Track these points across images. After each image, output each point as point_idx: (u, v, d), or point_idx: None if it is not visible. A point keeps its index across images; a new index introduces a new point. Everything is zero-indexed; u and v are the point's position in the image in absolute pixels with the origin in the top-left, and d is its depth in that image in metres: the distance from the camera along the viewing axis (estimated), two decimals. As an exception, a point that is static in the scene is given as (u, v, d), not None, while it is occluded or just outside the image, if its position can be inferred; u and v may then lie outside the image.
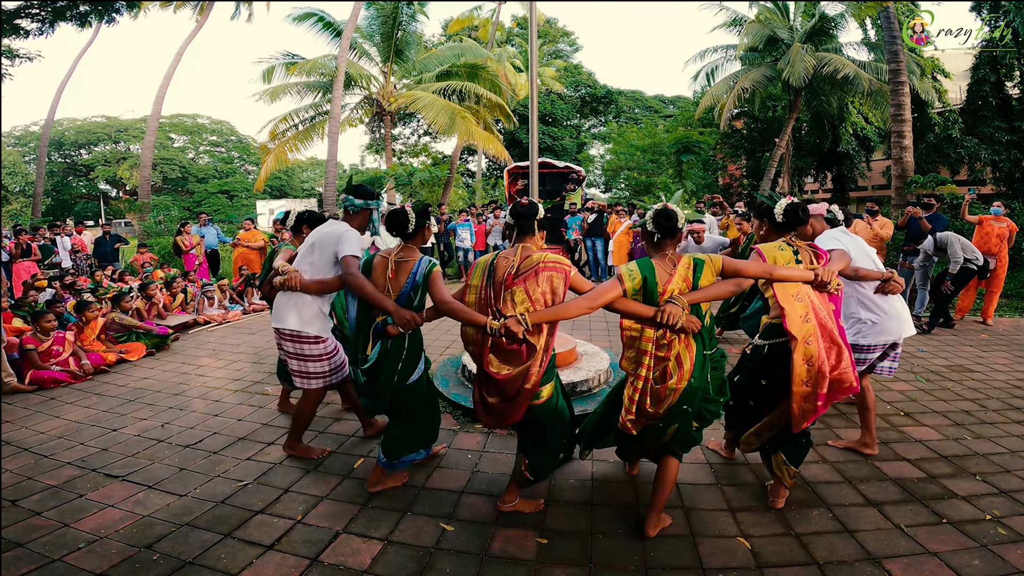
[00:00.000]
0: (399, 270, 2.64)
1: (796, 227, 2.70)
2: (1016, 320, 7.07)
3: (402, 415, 2.77)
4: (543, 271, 2.36)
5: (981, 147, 13.68)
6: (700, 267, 2.34)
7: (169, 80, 17.26)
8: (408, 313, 2.56)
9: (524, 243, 2.49)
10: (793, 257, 2.58)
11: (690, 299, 2.27)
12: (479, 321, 2.36)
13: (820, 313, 2.46)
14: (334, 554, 2.34)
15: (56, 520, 2.61)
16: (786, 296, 2.45)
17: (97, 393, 4.54)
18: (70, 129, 34.24)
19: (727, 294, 2.46)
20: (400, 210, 2.67)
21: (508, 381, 2.34)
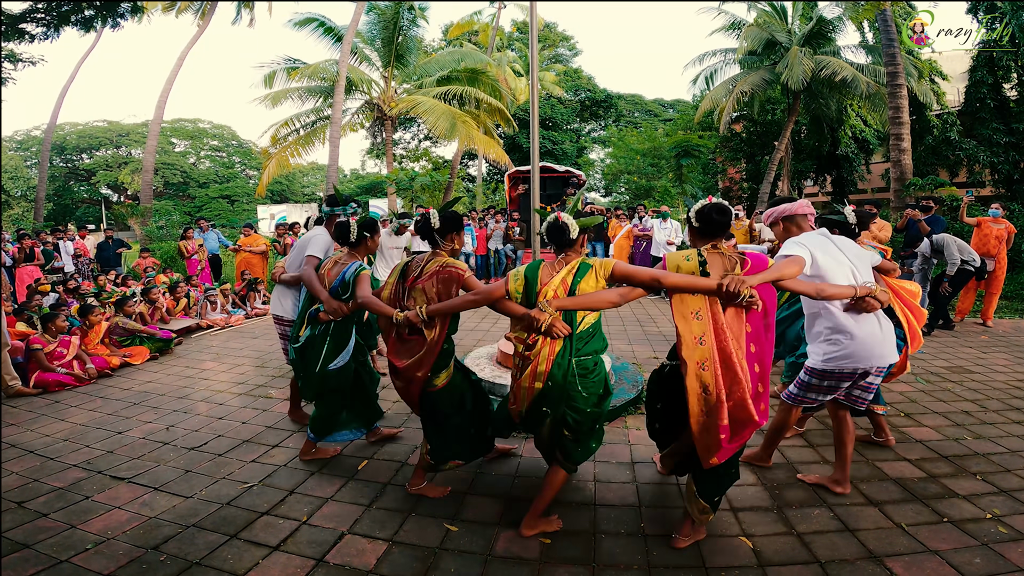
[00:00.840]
0: (335, 270, 3.12)
1: (717, 231, 2.35)
2: (1016, 321, 7.09)
3: (325, 397, 3.20)
4: (440, 274, 2.62)
5: (979, 149, 13.73)
6: (582, 272, 2.34)
7: (171, 85, 17.34)
8: (336, 303, 3.04)
9: (436, 251, 2.74)
10: (699, 267, 2.25)
11: (560, 305, 2.29)
12: (388, 313, 2.66)
13: (723, 334, 2.15)
14: (339, 555, 2.36)
15: (63, 521, 2.63)
16: (682, 313, 2.21)
17: (102, 396, 4.57)
18: (72, 133, 34.37)
19: (607, 303, 2.32)
20: (344, 222, 3.15)
21: (405, 369, 2.65)
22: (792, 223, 2.83)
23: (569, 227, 2.40)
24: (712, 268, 2.25)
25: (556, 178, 12.25)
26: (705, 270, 2.24)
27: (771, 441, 3.06)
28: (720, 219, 2.32)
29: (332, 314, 3.04)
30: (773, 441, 3.06)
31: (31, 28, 9.01)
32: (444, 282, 2.62)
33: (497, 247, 11.05)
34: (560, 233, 2.41)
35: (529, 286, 2.41)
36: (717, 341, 2.14)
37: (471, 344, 6.03)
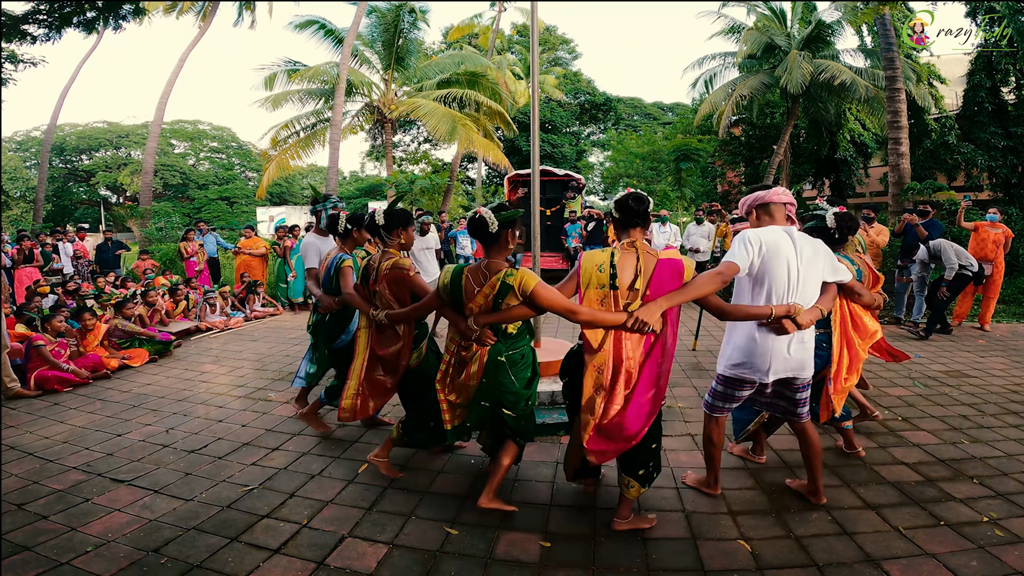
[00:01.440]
0: (326, 262, 3.45)
1: (636, 220, 2.36)
2: (1013, 325, 7.12)
3: (338, 369, 3.64)
4: (389, 277, 2.89)
5: (977, 153, 13.77)
6: (503, 292, 2.41)
7: (172, 86, 17.36)
8: (327, 299, 3.41)
9: (386, 249, 2.98)
10: (609, 278, 2.28)
11: (484, 320, 2.45)
12: (365, 309, 2.97)
13: (623, 345, 2.24)
14: (340, 558, 2.37)
15: (63, 524, 2.63)
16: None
17: (101, 399, 4.57)
18: (72, 134, 34.37)
19: (523, 317, 2.47)
20: (334, 215, 3.51)
21: (387, 356, 2.98)
22: (766, 212, 2.56)
23: (488, 222, 2.44)
24: (623, 272, 2.29)
25: (556, 182, 12.27)
26: (614, 282, 2.28)
27: (707, 458, 2.81)
28: (637, 207, 2.35)
29: (325, 309, 3.48)
30: (709, 458, 2.80)
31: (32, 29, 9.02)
32: (395, 283, 2.90)
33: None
34: (481, 228, 2.46)
35: (455, 290, 2.53)
36: (615, 352, 2.28)
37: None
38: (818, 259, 2.45)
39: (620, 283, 2.29)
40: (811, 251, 2.44)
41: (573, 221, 11.03)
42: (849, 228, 2.82)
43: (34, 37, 9.32)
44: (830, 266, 2.49)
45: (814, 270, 2.44)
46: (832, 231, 2.79)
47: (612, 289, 2.29)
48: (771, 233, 2.42)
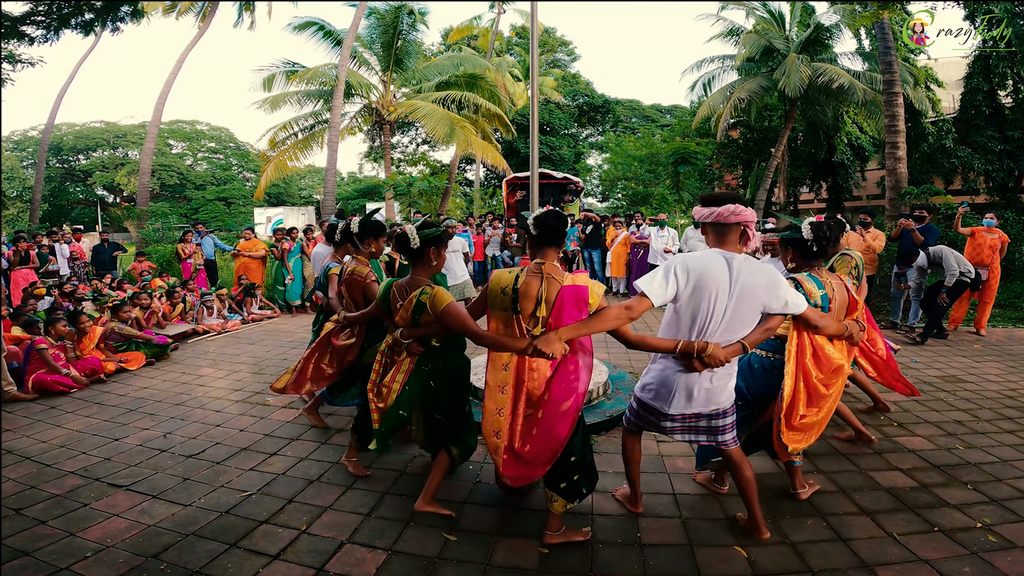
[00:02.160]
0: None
1: (554, 240, 2.34)
2: (1009, 330, 7.16)
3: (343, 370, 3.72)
4: (349, 280, 3.25)
5: (974, 157, 13.83)
6: (420, 309, 2.52)
7: (170, 86, 17.33)
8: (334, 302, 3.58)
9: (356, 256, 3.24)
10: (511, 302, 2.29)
11: (407, 334, 2.61)
12: (338, 310, 3.37)
13: (523, 368, 2.26)
14: (339, 564, 2.37)
15: (62, 529, 2.64)
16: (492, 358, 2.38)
17: (98, 402, 4.56)
18: (69, 134, 34.29)
19: (442, 333, 2.59)
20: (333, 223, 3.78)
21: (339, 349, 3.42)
22: (716, 231, 2.30)
23: (410, 237, 2.54)
24: (524, 297, 2.28)
25: (554, 185, 12.29)
26: (516, 306, 2.29)
27: (626, 474, 2.73)
28: (556, 225, 2.33)
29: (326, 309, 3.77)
30: (627, 474, 2.72)
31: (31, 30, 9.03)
32: (352, 288, 3.26)
33: (494, 253, 11.09)
34: (403, 243, 2.57)
35: (384, 302, 2.70)
36: (516, 372, 2.29)
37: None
38: (759, 290, 2.20)
39: (522, 308, 2.29)
40: (752, 281, 2.19)
41: (571, 224, 11.05)
42: (827, 239, 2.53)
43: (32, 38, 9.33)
44: (778, 297, 2.23)
45: (751, 303, 2.21)
46: (808, 243, 2.55)
47: (515, 313, 2.30)
48: (705, 261, 2.21)
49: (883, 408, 4.05)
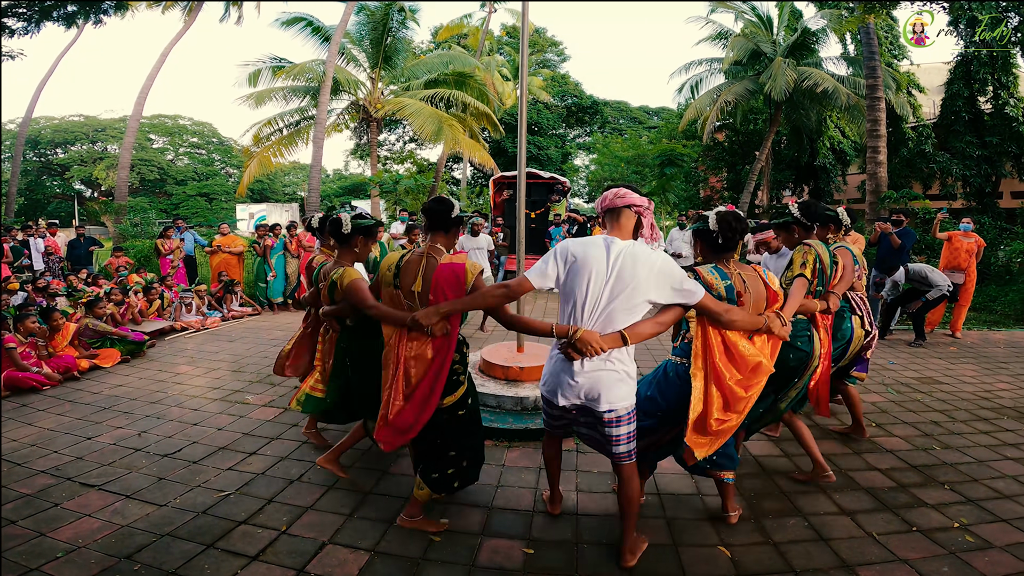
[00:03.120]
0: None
1: (435, 228, 2.45)
2: (983, 333, 7.32)
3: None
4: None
5: (953, 162, 14.13)
6: (333, 288, 2.81)
7: (152, 80, 16.99)
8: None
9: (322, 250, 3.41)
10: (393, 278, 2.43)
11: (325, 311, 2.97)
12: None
13: (404, 344, 2.36)
14: (320, 565, 2.33)
15: (32, 529, 2.56)
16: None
17: (70, 400, 4.44)
18: (47, 128, 33.47)
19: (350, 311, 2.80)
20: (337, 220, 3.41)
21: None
22: (612, 217, 2.27)
23: (343, 223, 2.86)
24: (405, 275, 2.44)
25: (541, 184, 12.29)
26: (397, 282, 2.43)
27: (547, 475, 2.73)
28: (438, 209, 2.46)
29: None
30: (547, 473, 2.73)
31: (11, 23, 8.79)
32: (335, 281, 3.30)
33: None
34: (336, 228, 2.89)
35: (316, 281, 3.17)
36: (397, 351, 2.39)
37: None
38: (641, 278, 2.11)
39: (402, 284, 2.42)
40: (634, 269, 2.12)
41: (557, 224, 11.06)
42: (734, 230, 2.37)
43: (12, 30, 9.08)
44: (665, 286, 2.14)
45: (633, 291, 2.12)
46: (714, 234, 2.39)
47: (396, 289, 2.44)
48: (585, 246, 2.19)
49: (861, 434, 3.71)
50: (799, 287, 2.76)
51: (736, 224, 2.36)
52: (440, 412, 2.45)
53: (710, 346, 2.31)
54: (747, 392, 2.35)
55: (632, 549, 2.33)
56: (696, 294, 2.17)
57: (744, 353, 2.33)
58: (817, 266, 2.91)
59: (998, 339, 6.92)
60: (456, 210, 2.48)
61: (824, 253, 2.97)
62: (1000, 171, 14.13)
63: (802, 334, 2.88)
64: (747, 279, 2.41)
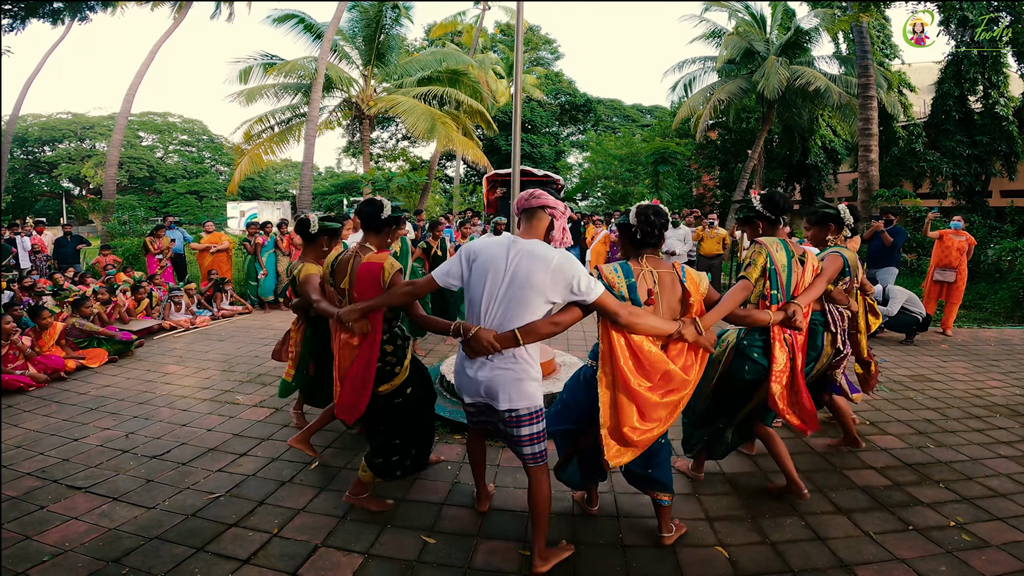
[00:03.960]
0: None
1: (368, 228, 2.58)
2: (974, 331, 7.37)
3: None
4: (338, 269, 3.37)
5: (943, 161, 14.25)
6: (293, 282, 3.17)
7: (141, 78, 16.79)
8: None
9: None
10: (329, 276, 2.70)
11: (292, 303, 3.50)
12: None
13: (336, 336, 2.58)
14: (313, 568, 2.29)
15: (17, 532, 2.51)
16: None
17: (57, 401, 4.36)
18: (34, 125, 33.00)
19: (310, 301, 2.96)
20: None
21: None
22: (525, 218, 2.25)
23: (311, 223, 3.15)
24: (338, 274, 2.61)
25: (534, 182, 12.28)
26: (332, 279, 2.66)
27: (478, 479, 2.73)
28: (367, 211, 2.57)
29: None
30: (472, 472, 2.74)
31: (-4, 20, 8.64)
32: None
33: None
34: (303, 227, 3.16)
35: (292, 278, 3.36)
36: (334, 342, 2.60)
37: (447, 350, 5.96)
38: (536, 277, 2.07)
39: (336, 281, 2.63)
40: (529, 267, 2.09)
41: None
42: (653, 225, 2.25)
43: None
44: (560, 285, 2.08)
45: (529, 290, 2.08)
46: (633, 228, 2.27)
47: (331, 286, 2.71)
48: (487, 244, 2.20)
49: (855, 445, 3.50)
50: (735, 291, 2.40)
51: (656, 219, 2.25)
52: (376, 399, 2.57)
53: (614, 349, 2.17)
54: (663, 399, 2.20)
55: (543, 555, 2.25)
56: (592, 293, 2.08)
57: (651, 358, 2.17)
58: (768, 268, 2.53)
59: (988, 337, 6.97)
60: (386, 211, 2.55)
61: (780, 253, 2.56)
62: (990, 170, 14.27)
63: (756, 343, 2.61)
64: (660, 279, 2.25)
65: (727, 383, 2.73)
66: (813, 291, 2.62)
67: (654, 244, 2.28)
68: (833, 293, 2.94)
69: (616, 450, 2.20)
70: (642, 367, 2.18)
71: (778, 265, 2.55)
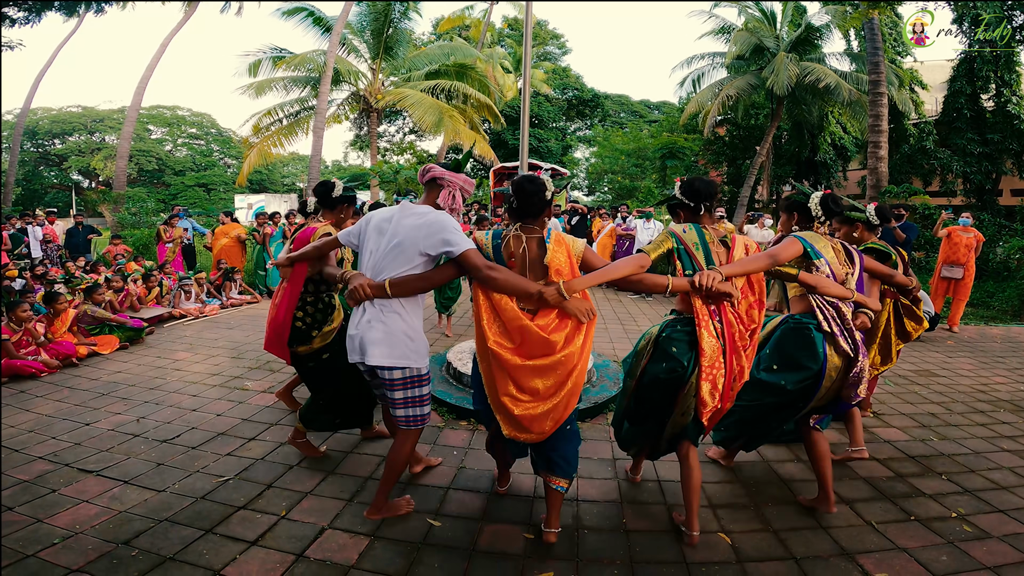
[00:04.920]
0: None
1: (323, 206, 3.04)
2: (981, 328, 7.33)
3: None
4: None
5: (954, 159, 14.12)
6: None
7: (152, 71, 16.86)
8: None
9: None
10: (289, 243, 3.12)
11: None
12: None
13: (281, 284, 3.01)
14: (320, 550, 2.33)
15: (29, 515, 2.54)
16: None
17: (69, 386, 4.42)
18: (45, 118, 33.22)
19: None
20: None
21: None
22: (425, 189, 2.46)
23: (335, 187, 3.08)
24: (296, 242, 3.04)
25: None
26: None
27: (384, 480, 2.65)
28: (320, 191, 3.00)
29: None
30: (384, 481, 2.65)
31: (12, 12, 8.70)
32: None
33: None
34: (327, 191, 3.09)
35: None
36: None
37: (453, 340, 6.00)
38: (417, 233, 2.24)
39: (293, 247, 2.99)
40: (410, 224, 2.28)
41: (557, 215, 11.03)
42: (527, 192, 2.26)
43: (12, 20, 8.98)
44: (434, 239, 2.22)
45: (408, 245, 2.25)
46: (511, 199, 2.32)
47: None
48: (383, 211, 2.43)
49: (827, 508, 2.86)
50: (625, 260, 2.26)
51: (530, 187, 2.25)
52: (295, 356, 3.01)
53: (479, 309, 2.22)
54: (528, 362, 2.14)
55: (377, 505, 2.53)
56: (459, 247, 2.19)
57: (507, 315, 2.15)
58: (677, 248, 2.33)
59: (995, 334, 6.93)
60: (336, 190, 2.97)
61: (690, 234, 2.34)
62: (1000, 168, 14.13)
63: (678, 335, 2.31)
64: (528, 243, 2.26)
65: (647, 383, 2.39)
66: (747, 264, 2.30)
67: (532, 215, 2.28)
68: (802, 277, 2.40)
69: (508, 431, 2.22)
70: (502, 326, 2.19)
71: (688, 244, 2.33)
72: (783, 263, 2.39)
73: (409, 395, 2.36)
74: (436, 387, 4.05)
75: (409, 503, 2.61)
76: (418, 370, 2.36)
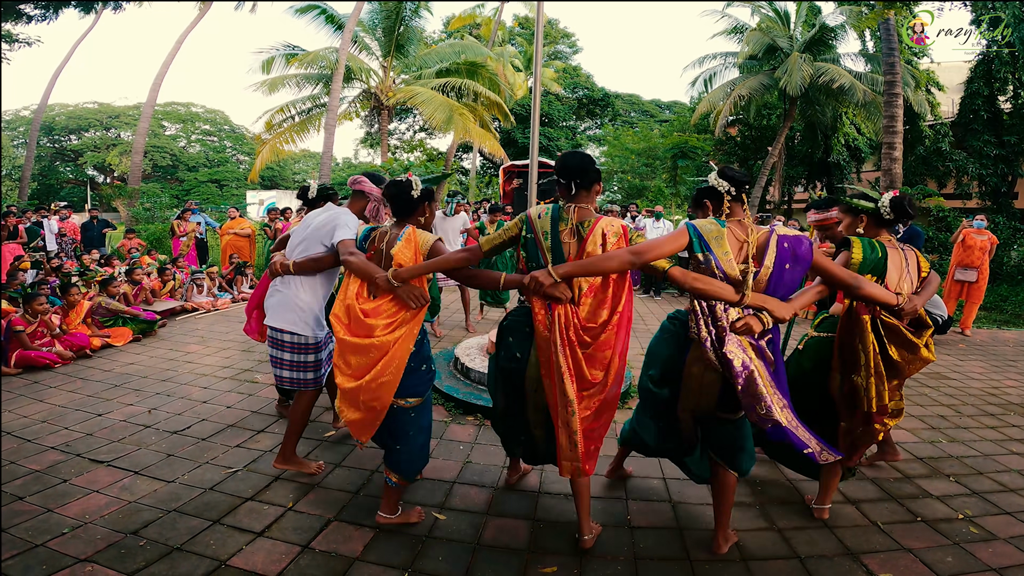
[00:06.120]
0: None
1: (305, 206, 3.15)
2: (993, 332, 7.23)
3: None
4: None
5: (969, 161, 13.90)
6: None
7: (167, 68, 17.08)
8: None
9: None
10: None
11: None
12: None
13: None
14: (326, 541, 2.35)
15: (39, 505, 2.57)
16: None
17: (82, 377, 4.50)
18: (61, 114, 33.72)
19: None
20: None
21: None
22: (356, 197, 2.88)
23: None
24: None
25: (550, 174, 12.27)
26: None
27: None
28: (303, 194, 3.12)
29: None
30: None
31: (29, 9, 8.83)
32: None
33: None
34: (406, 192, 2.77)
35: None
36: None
37: (461, 335, 6.02)
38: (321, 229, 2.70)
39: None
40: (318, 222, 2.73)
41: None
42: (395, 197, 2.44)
43: (30, 17, 9.10)
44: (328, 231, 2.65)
45: (314, 240, 2.72)
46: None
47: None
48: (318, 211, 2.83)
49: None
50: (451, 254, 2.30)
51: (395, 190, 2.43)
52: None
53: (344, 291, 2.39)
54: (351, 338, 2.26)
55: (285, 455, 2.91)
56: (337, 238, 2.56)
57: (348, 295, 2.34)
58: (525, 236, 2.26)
59: (1008, 338, 6.84)
60: (312, 191, 3.10)
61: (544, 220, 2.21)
62: (1016, 171, 13.88)
63: (517, 323, 2.26)
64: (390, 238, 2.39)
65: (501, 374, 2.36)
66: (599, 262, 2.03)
67: (401, 215, 2.46)
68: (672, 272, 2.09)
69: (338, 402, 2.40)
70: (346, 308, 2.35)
71: (537, 232, 2.19)
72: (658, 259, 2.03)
73: (296, 359, 2.78)
74: (443, 382, 4.08)
75: (420, 514, 2.52)
76: (305, 338, 2.76)
